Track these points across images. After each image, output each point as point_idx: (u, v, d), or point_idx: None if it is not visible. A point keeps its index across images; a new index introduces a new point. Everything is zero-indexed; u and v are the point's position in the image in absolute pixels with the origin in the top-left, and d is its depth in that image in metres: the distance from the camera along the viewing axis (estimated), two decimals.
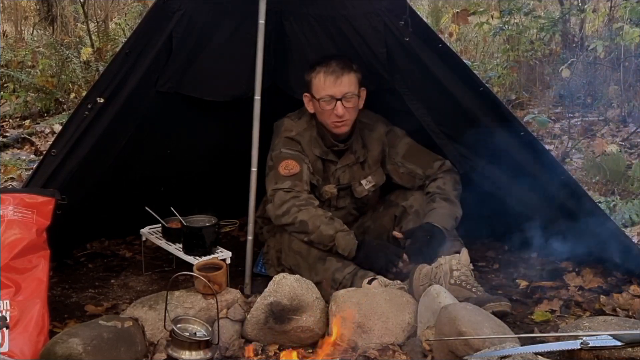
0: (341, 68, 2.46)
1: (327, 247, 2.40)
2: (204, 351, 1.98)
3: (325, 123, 2.54)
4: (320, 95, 2.48)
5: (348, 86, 2.47)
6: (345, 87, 2.46)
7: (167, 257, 2.76)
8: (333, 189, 2.62)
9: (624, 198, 3.47)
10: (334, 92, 2.46)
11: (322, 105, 2.49)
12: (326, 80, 2.46)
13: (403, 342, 2.10)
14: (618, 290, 2.42)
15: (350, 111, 2.50)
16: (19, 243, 2.07)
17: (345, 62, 2.48)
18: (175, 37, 2.39)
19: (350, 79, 2.47)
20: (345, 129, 2.55)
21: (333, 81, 2.45)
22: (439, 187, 2.55)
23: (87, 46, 6.66)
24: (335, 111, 2.47)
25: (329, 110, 2.48)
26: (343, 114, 2.47)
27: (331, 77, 2.45)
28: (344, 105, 2.47)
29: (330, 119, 2.51)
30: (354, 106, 2.51)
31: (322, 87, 2.47)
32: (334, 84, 2.45)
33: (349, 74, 2.47)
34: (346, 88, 2.46)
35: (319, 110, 2.52)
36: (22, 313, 2.00)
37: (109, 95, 2.31)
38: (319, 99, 2.49)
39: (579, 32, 6.29)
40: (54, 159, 2.28)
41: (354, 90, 2.49)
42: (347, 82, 2.46)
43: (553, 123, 5.14)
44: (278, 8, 2.58)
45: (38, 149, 4.98)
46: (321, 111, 2.51)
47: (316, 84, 2.49)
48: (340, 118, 2.49)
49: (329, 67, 2.46)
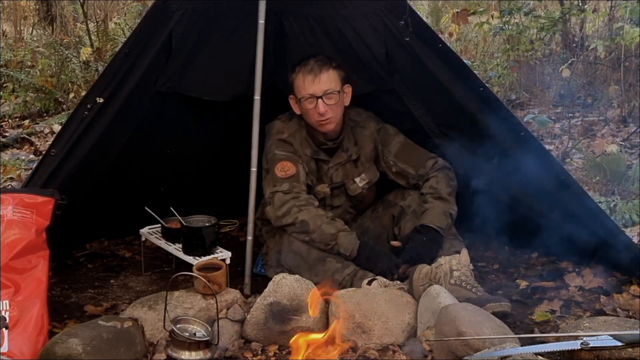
0: (319, 66, 2.46)
1: (328, 245, 2.40)
2: (203, 351, 1.98)
3: (311, 123, 2.54)
4: (302, 94, 2.49)
5: (328, 83, 2.46)
6: (325, 85, 2.46)
7: (166, 257, 2.76)
8: (326, 188, 2.62)
9: (624, 198, 3.47)
10: (314, 90, 2.46)
11: (305, 105, 2.49)
12: (305, 80, 2.46)
13: (403, 342, 2.10)
14: (618, 291, 2.42)
15: (333, 108, 2.49)
16: (18, 243, 2.07)
17: (324, 60, 2.48)
18: (175, 36, 2.39)
19: (329, 76, 2.46)
20: (331, 127, 2.54)
21: (312, 80, 2.45)
22: (431, 187, 2.54)
23: (86, 46, 6.64)
24: (317, 109, 2.46)
25: (312, 109, 2.48)
26: (325, 111, 2.47)
27: (309, 75, 2.45)
28: (326, 103, 2.46)
29: (314, 117, 2.50)
30: (336, 103, 2.50)
31: (303, 87, 2.48)
32: (312, 82, 2.45)
33: (328, 71, 2.46)
34: (325, 85, 2.46)
35: (304, 111, 2.52)
36: (22, 313, 1.99)
37: (108, 95, 2.30)
38: (301, 99, 2.50)
39: (579, 32, 6.29)
40: (54, 159, 2.27)
41: (335, 87, 2.48)
42: (326, 79, 2.46)
43: (553, 123, 5.14)
44: (278, 8, 2.57)
45: (37, 149, 4.98)
46: (305, 111, 2.52)
47: (297, 85, 2.50)
48: (323, 116, 2.48)
49: (307, 66, 2.46)
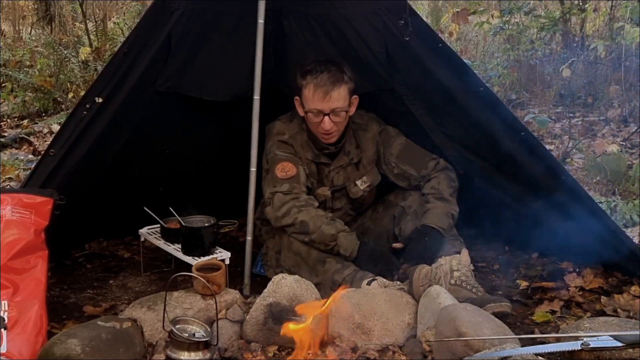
0: (332, 82, 2.40)
1: (328, 246, 2.39)
2: (203, 352, 1.98)
3: (313, 130, 2.53)
4: (309, 107, 2.46)
5: (337, 101, 2.42)
6: (334, 103, 2.42)
7: (165, 257, 2.75)
8: (326, 191, 2.61)
9: (625, 198, 3.47)
10: (322, 107, 2.43)
11: (310, 117, 2.48)
12: (315, 94, 2.41)
13: (403, 343, 2.09)
14: (619, 291, 2.41)
15: (339, 124, 2.48)
16: (17, 243, 2.07)
17: (337, 75, 2.42)
18: (174, 36, 2.38)
19: (340, 94, 2.42)
20: (333, 140, 2.54)
21: (322, 96, 2.41)
22: (433, 187, 2.53)
23: (85, 46, 6.63)
24: (322, 125, 2.44)
25: (317, 123, 2.46)
26: (330, 128, 2.45)
27: (320, 91, 2.40)
28: (332, 120, 2.44)
29: (317, 130, 2.50)
30: (342, 120, 2.49)
31: (311, 100, 2.44)
32: (322, 99, 2.41)
33: (339, 89, 2.41)
34: (335, 104, 2.42)
35: (308, 120, 2.51)
36: (20, 314, 1.99)
37: (107, 95, 2.30)
38: (307, 111, 2.47)
39: (580, 31, 6.29)
40: (52, 159, 2.27)
41: (344, 105, 2.45)
42: (336, 97, 2.42)
43: (553, 123, 5.14)
44: (277, 7, 2.57)
45: (36, 148, 4.97)
46: (309, 122, 2.51)
47: (306, 95, 2.46)
48: (327, 131, 2.47)
49: (320, 80, 2.40)
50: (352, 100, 2.51)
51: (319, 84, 2.41)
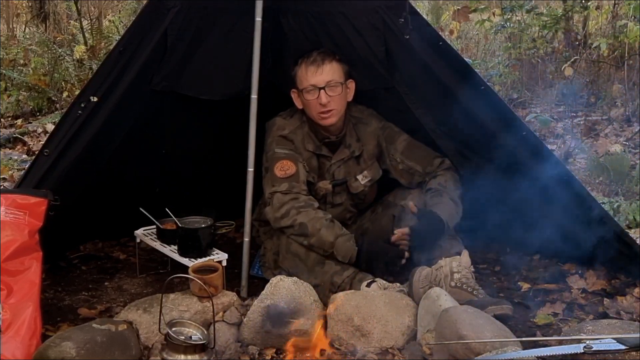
0: (322, 57, 2.47)
1: (326, 252, 2.39)
2: (199, 355, 1.97)
3: (312, 116, 2.53)
4: (304, 85, 2.49)
5: (330, 74, 2.47)
6: (328, 75, 2.46)
7: (162, 259, 2.73)
8: (327, 184, 2.61)
9: (628, 199, 3.45)
10: (317, 81, 2.46)
11: (306, 96, 2.49)
12: (308, 70, 2.47)
13: (403, 345, 2.08)
14: (622, 293, 2.39)
15: (336, 100, 2.49)
16: (10, 245, 2.05)
17: (327, 52, 2.49)
18: (170, 34, 2.37)
19: (332, 67, 2.47)
20: (333, 120, 2.53)
21: (314, 70, 2.46)
22: (441, 184, 2.52)
23: (80, 44, 6.60)
24: (319, 100, 2.46)
25: (314, 100, 2.47)
26: (327, 102, 2.46)
27: (312, 66, 2.46)
28: (328, 94, 2.46)
29: (316, 109, 2.49)
30: (338, 95, 2.49)
31: (305, 78, 2.48)
32: (315, 73, 2.46)
33: (331, 63, 2.48)
34: (328, 76, 2.46)
35: (306, 103, 2.52)
36: (14, 316, 1.97)
37: (102, 94, 2.28)
38: (303, 90, 2.49)
39: (582, 29, 6.28)
40: (47, 159, 2.25)
41: (338, 79, 2.48)
42: (329, 70, 2.47)
43: (555, 122, 5.13)
44: (275, 5, 2.55)
45: (30, 148, 4.96)
46: (307, 103, 2.51)
47: (300, 76, 2.50)
48: (325, 107, 2.47)
49: (310, 57, 2.48)
50: (348, 83, 2.53)
51: (310, 61, 2.48)
